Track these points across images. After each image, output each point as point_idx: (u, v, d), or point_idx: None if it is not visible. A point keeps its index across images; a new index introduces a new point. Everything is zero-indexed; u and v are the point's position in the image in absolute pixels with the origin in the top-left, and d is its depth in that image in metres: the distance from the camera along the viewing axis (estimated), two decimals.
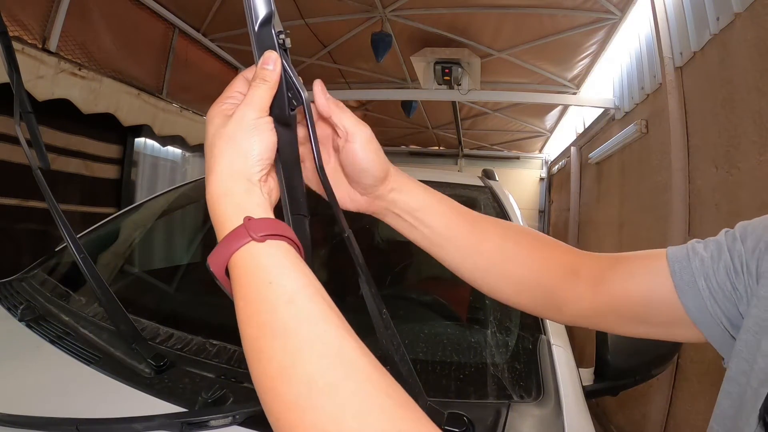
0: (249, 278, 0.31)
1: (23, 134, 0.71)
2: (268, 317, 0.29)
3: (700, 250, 0.44)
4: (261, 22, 0.36)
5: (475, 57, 3.10)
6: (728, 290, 0.41)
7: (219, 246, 0.32)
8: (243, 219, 0.32)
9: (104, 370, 0.65)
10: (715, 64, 1.79)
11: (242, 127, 0.35)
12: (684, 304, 0.43)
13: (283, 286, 0.30)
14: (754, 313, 0.39)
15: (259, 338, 0.29)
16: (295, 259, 0.32)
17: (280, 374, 0.27)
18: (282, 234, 0.33)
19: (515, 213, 1.18)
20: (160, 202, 1.39)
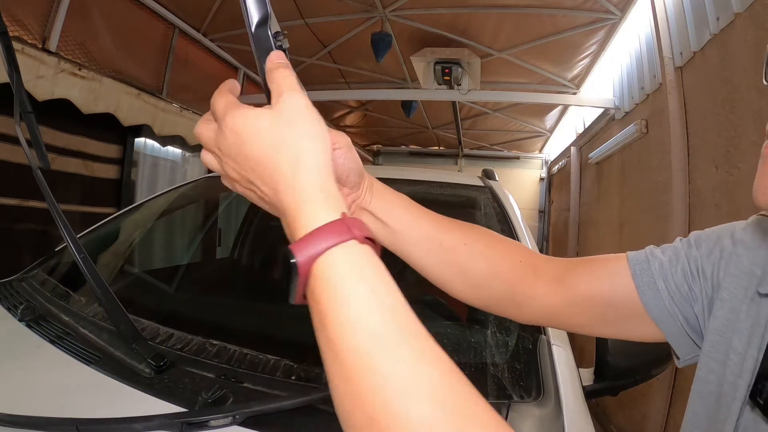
0: (356, 275, 0.28)
1: (23, 134, 0.71)
2: (405, 317, 0.28)
3: (659, 255, 0.48)
4: (257, 23, 0.36)
5: (475, 57, 3.10)
6: (685, 291, 0.45)
7: (311, 237, 0.28)
8: (341, 214, 0.29)
9: (104, 370, 0.65)
10: (715, 64, 1.79)
11: (304, 112, 0.32)
12: (644, 303, 0.46)
13: (388, 292, 0.28)
14: (720, 315, 0.42)
15: (359, 348, 0.26)
16: (383, 266, 0.30)
17: (381, 387, 0.25)
18: (373, 238, 0.30)
19: (515, 213, 1.18)
20: (160, 202, 1.39)
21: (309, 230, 0.28)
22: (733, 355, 0.40)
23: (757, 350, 0.38)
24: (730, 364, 0.40)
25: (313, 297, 0.28)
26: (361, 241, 0.29)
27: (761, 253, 0.42)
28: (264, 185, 0.32)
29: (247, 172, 0.33)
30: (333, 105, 4.64)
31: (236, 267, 1.71)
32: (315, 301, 0.28)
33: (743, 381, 0.38)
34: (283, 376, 0.65)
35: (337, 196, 0.31)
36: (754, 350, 0.38)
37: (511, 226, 1.09)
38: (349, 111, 4.92)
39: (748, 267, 0.42)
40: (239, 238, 1.75)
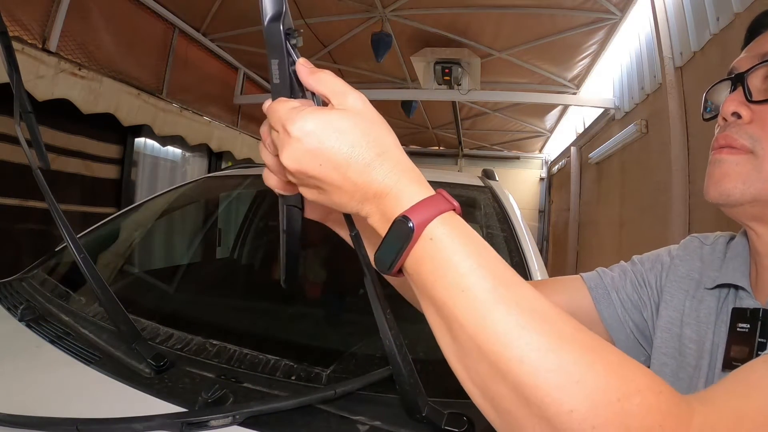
0: (464, 239, 0.31)
1: (23, 134, 0.71)
2: (503, 271, 0.31)
3: (608, 272, 0.56)
4: (270, 18, 0.36)
5: (475, 57, 3.10)
6: (635, 299, 0.54)
7: (421, 206, 0.32)
8: (437, 191, 0.33)
9: (104, 370, 0.65)
10: (715, 64, 1.79)
11: (368, 105, 0.35)
12: (599, 312, 0.54)
13: (493, 254, 0.32)
14: (664, 315, 0.51)
15: (493, 291, 0.30)
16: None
17: (505, 339, 0.28)
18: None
19: (515, 213, 1.18)
20: (160, 202, 1.39)
21: (414, 202, 0.32)
22: (688, 343, 0.47)
23: (713, 333, 0.46)
24: (687, 351, 0.47)
25: (423, 259, 0.32)
26: (458, 211, 0.33)
27: (694, 263, 0.52)
28: (347, 179, 0.34)
29: (328, 173, 0.34)
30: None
31: (236, 267, 1.71)
32: (426, 261, 0.31)
33: (704, 360, 0.45)
34: (283, 376, 0.65)
35: (421, 176, 0.35)
36: (710, 333, 0.46)
37: (511, 226, 1.09)
38: None
39: (686, 273, 0.52)
40: (239, 238, 1.75)
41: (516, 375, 0.27)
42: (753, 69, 0.44)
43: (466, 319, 0.29)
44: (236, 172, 1.51)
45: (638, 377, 0.27)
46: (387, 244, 0.32)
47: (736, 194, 0.43)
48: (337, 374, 0.64)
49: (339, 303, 1.05)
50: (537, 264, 0.96)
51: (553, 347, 0.27)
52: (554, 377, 0.26)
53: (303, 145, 0.33)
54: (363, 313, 0.45)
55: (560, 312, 0.30)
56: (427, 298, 0.32)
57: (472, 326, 0.29)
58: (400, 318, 0.44)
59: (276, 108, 0.35)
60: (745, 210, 0.44)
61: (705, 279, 0.49)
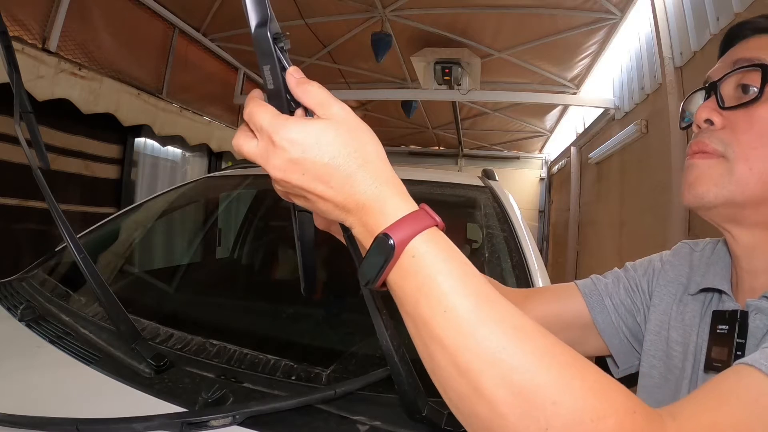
0: (446, 255, 0.31)
1: (23, 134, 0.71)
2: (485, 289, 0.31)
3: (602, 278, 0.58)
4: (257, 25, 0.36)
5: (475, 57, 3.10)
6: (628, 304, 0.56)
7: (403, 222, 0.31)
8: (420, 205, 0.33)
9: (104, 370, 0.65)
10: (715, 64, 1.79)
11: (355, 116, 0.35)
12: (594, 319, 0.56)
13: (472, 273, 0.32)
14: (653, 318, 0.53)
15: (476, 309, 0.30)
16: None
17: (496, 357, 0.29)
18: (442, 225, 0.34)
19: (515, 213, 1.18)
20: (160, 202, 1.39)
21: (397, 218, 0.32)
22: (674, 346, 0.49)
23: (696, 335, 0.47)
24: (673, 353, 0.49)
25: (405, 276, 0.31)
26: (441, 227, 0.33)
27: (683, 268, 0.54)
28: (330, 189, 0.33)
29: (310, 183, 0.34)
30: None
31: (236, 267, 1.71)
32: (409, 279, 0.31)
33: (688, 362, 0.47)
34: (283, 376, 0.65)
35: (404, 190, 0.34)
36: (693, 336, 0.48)
37: (511, 226, 1.09)
38: None
39: (674, 278, 0.54)
40: (239, 238, 1.75)
41: (493, 394, 0.28)
42: (725, 77, 0.46)
43: (448, 339, 0.29)
44: (236, 172, 1.51)
45: (614, 396, 0.27)
46: (369, 259, 0.32)
47: (710, 197, 0.44)
48: (337, 374, 0.64)
49: (339, 303, 1.05)
50: (537, 264, 0.96)
51: (533, 367, 0.28)
52: (532, 397, 0.27)
53: (287, 155, 0.33)
54: (363, 313, 0.45)
55: (539, 329, 0.30)
56: (408, 315, 0.32)
57: (453, 346, 0.29)
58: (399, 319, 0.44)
59: (259, 116, 0.34)
60: (719, 212, 0.45)
61: (691, 284, 0.51)
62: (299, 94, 0.36)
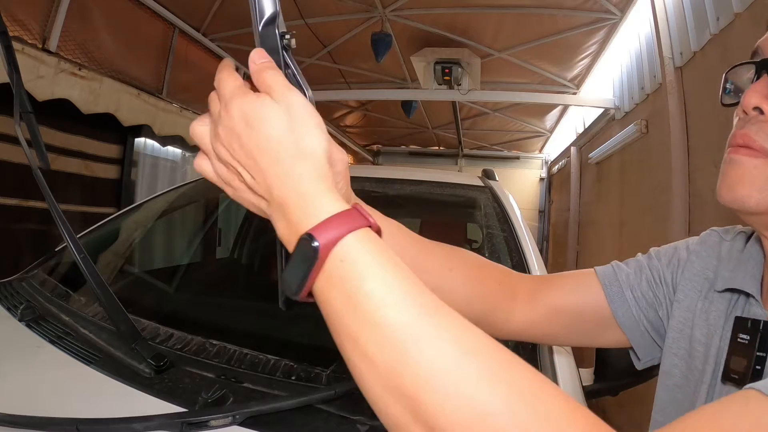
0: (375, 259, 0.28)
1: (23, 134, 0.71)
2: (420, 296, 0.27)
3: (624, 267, 0.54)
4: (266, 22, 0.36)
5: (475, 57, 3.10)
6: (650, 298, 0.51)
7: (329, 223, 0.28)
8: (352, 204, 0.30)
9: (104, 370, 0.65)
10: (715, 64, 1.79)
11: (307, 109, 0.33)
12: (613, 311, 0.52)
13: (406, 269, 0.29)
14: (677, 314, 0.48)
15: (423, 317, 0.26)
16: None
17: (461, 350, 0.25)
18: (378, 227, 0.31)
19: (515, 213, 1.18)
20: (160, 202, 1.39)
21: (322, 218, 0.28)
22: (697, 346, 0.45)
23: (719, 338, 0.43)
24: (696, 354, 0.45)
25: (332, 285, 0.28)
26: (375, 228, 0.30)
27: (711, 260, 0.49)
28: (259, 174, 0.32)
29: (243, 159, 0.32)
30: (333, 105, 4.64)
31: (236, 267, 1.70)
32: (336, 287, 0.28)
33: (709, 366, 0.43)
34: (283, 376, 0.65)
35: (334, 189, 0.31)
36: (716, 339, 0.44)
37: (511, 226, 1.09)
38: (349, 111, 4.92)
39: (701, 271, 0.49)
40: (239, 237, 1.75)
41: (435, 425, 0.24)
42: None
43: (379, 358, 0.26)
44: None
45: (578, 421, 0.24)
46: (293, 264, 0.28)
47: (751, 203, 0.39)
48: (337, 374, 0.64)
49: None
50: (537, 264, 0.96)
51: (482, 394, 0.24)
52: (479, 428, 0.24)
53: (233, 123, 0.32)
54: None
55: (492, 345, 0.26)
56: (336, 331, 0.28)
57: (385, 367, 0.25)
58: None
59: (226, 83, 0.34)
60: (760, 219, 0.41)
61: (718, 279, 0.47)
62: (255, 79, 0.35)
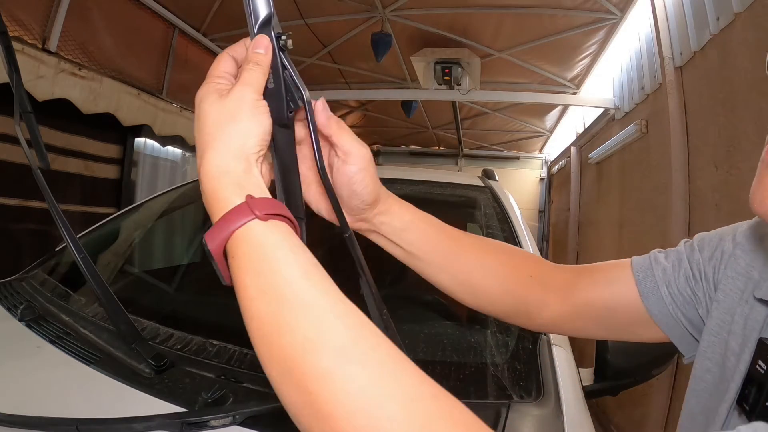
0: (258, 253, 0.30)
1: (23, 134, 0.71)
2: (285, 291, 0.28)
3: (662, 260, 0.49)
4: (261, 23, 0.36)
5: (475, 57, 3.09)
6: (688, 295, 0.47)
7: (219, 223, 0.31)
8: (245, 197, 0.31)
9: (104, 370, 0.65)
10: (715, 64, 1.79)
11: (244, 106, 0.34)
12: (648, 309, 0.48)
13: (295, 261, 0.30)
14: (715, 316, 0.43)
15: (277, 313, 0.28)
16: (298, 240, 0.32)
17: (306, 346, 0.27)
18: (284, 215, 0.33)
19: (515, 213, 1.18)
20: (160, 202, 1.39)
21: (218, 217, 0.31)
22: (731, 356, 0.40)
23: (750, 353, 0.39)
24: (728, 364, 0.40)
25: (232, 276, 0.31)
26: (263, 218, 0.31)
27: (759, 257, 0.42)
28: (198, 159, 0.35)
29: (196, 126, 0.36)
30: (333, 105, 4.63)
31: None
32: (233, 279, 0.31)
33: (734, 384, 0.39)
34: None
35: (246, 181, 0.33)
36: (747, 354, 0.39)
37: (511, 226, 1.09)
38: (349, 111, 4.92)
39: (745, 269, 0.43)
40: None
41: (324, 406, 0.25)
42: None
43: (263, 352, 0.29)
44: None
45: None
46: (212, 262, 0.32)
47: None
48: None
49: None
50: None
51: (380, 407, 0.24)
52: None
53: (199, 92, 0.36)
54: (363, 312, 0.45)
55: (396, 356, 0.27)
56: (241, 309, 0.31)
57: (262, 356, 0.29)
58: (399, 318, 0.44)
59: (219, 63, 0.38)
60: None
61: (763, 283, 0.41)
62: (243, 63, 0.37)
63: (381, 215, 0.47)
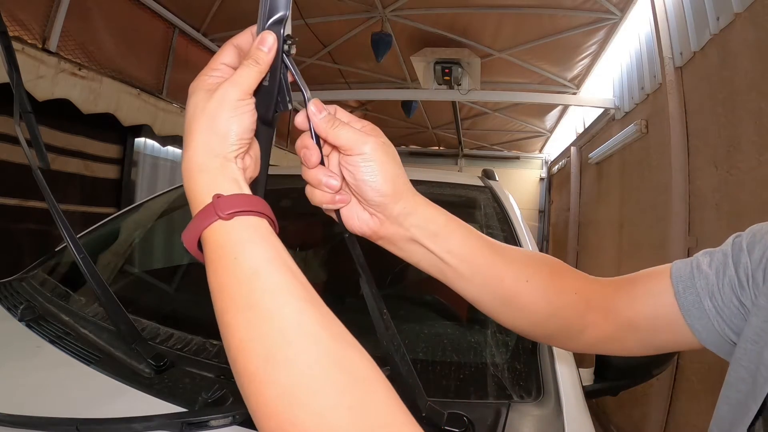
0: (218, 253, 0.32)
1: (23, 134, 0.71)
2: (233, 291, 0.30)
3: (705, 267, 0.43)
4: (274, 21, 0.36)
5: (475, 57, 3.09)
6: (735, 305, 0.41)
7: (191, 223, 0.33)
8: (212, 197, 0.33)
9: (104, 370, 0.65)
10: (715, 64, 1.79)
11: (223, 106, 0.35)
12: (690, 325, 0.43)
13: (248, 260, 0.31)
14: (754, 323, 0.39)
15: (226, 312, 0.30)
16: (264, 232, 0.33)
17: (242, 348, 0.28)
18: (251, 209, 0.33)
19: (515, 213, 1.18)
20: (160, 202, 1.39)
21: (194, 215, 0.33)
22: (763, 369, 0.36)
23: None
24: (760, 377, 0.37)
25: (207, 266, 0.33)
26: (225, 218, 0.32)
27: None
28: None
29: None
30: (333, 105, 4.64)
31: None
32: (208, 269, 0.33)
33: (755, 404, 0.36)
34: None
35: (221, 178, 0.34)
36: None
37: (511, 226, 1.09)
38: (349, 111, 4.89)
39: None
40: None
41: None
42: None
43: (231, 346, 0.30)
44: None
45: None
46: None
47: None
48: None
49: (338, 302, 1.05)
50: None
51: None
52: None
53: (194, 84, 0.37)
54: (363, 312, 0.45)
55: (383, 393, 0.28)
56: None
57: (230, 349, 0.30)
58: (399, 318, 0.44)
59: (220, 54, 0.38)
60: None
61: None
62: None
63: (411, 216, 0.42)
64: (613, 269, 3.06)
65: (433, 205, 0.44)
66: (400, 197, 0.42)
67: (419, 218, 0.43)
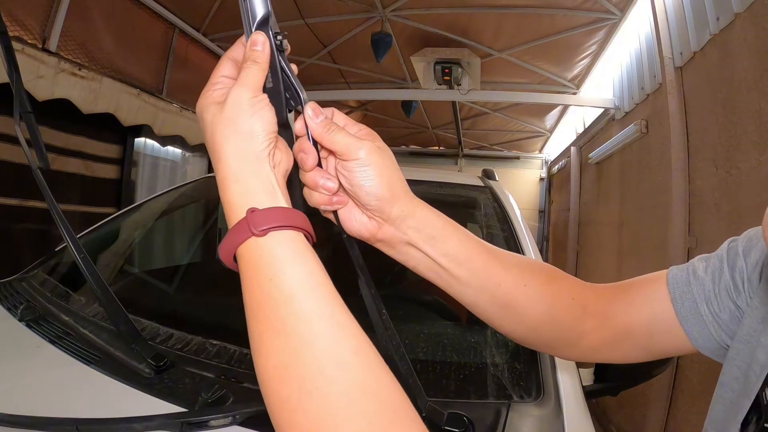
0: (252, 272, 0.31)
1: (23, 134, 0.71)
2: (269, 313, 0.30)
3: (701, 273, 0.44)
4: (258, 23, 0.36)
5: (475, 57, 3.10)
6: (731, 309, 0.41)
7: (226, 237, 0.33)
8: (246, 211, 0.32)
9: (104, 370, 0.65)
10: (715, 64, 1.79)
11: (240, 108, 0.35)
12: (686, 331, 0.43)
13: (283, 282, 0.30)
14: (747, 323, 0.39)
15: (262, 334, 0.30)
16: (301, 248, 0.33)
17: (276, 373, 0.28)
18: (286, 224, 0.32)
19: (515, 213, 1.18)
20: (160, 202, 1.39)
21: (230, 221, 0.33)
22: (756, 367, 0.37)
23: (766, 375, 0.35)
24: (752, 377, 0.37)
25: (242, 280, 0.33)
26: (259, 235, 0.32)
27: None
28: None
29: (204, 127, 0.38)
30: (333, 105, 4.63)
31: None
32: (243, 282, 0.33)
33: (748, 402, 0.36)
34: None
35: (255, 186, 0.34)
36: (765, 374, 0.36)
37: (511, 226, 1.09)
38: (349, 111, 4.92)
39: None
40: None
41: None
42: None
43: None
44: None
45: None
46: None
47: None
48: None
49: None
50: None
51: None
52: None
53: (203, 95, 0.38)
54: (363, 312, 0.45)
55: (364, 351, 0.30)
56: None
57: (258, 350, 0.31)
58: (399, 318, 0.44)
59: (219, 66, 0.39)
60: None
61: None
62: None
63: (408, 219, 0.42)
64: (613, 269, 3.06)
65: (430, 209, 0.44)
66: (396, 200, 0.41)
67: (416, 221, 0.42)
